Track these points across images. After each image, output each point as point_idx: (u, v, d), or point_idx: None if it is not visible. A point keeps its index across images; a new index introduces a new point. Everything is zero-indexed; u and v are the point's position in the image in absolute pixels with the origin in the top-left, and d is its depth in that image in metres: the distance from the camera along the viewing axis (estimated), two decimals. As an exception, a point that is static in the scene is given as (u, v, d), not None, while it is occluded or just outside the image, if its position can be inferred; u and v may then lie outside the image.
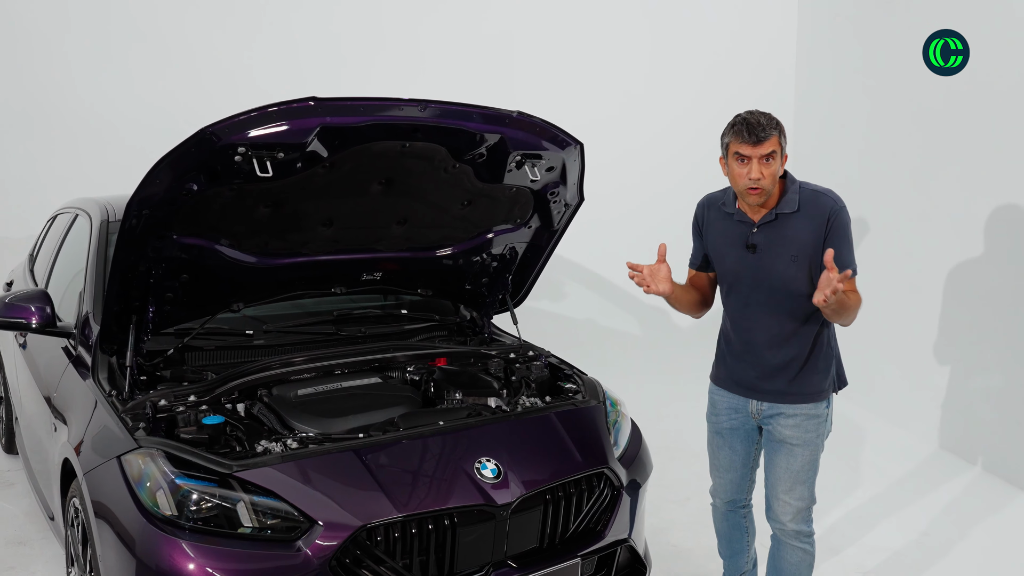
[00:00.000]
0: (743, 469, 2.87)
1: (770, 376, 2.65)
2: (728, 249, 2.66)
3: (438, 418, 2.59)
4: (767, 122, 2.46)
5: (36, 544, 3.56)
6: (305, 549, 2.10)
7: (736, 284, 2.66)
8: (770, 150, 2.45)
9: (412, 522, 2.21)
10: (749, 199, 2.54)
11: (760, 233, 2.58)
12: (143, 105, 6.14)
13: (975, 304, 4.73)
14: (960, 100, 4.82)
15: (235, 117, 2.24)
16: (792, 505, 2.69)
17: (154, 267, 2.57)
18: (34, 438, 3.41)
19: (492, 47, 6.67)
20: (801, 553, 2.74)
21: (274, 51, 6.36)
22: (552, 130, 2.77)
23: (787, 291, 2.55)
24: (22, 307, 2.99)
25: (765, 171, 2.46)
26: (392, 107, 2.44)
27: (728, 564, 3.08)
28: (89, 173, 5.99)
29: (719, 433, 2.86)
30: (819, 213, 2.50)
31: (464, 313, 3.58)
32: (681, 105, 6.98)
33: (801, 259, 2.51)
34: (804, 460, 2.66)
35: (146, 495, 2.17)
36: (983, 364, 4.68)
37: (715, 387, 2.86)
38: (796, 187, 2.56)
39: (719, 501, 2.98)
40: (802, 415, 2.64)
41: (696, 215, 2.82)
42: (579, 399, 2.89)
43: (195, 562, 2.07)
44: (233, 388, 2.61)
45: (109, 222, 3.37)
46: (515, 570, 2.36)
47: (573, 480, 2.53)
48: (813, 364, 2.63)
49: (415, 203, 2.89)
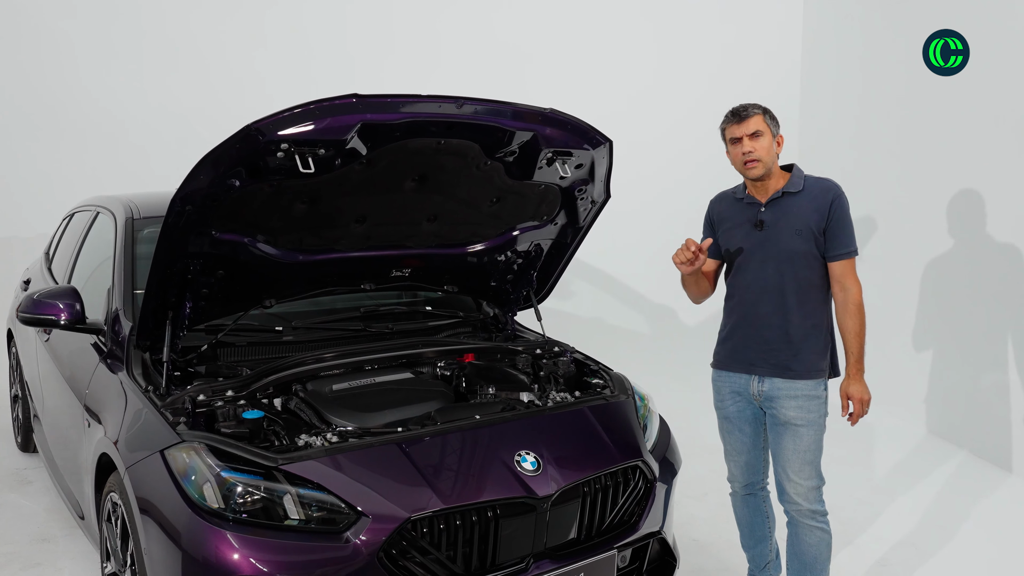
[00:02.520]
0: (755, 450, 2.97)
1: (772, 349, 2.79)
2: (737, 230, 2.88)
3: (474, 412, 2.62)
4: (750, 104, 2.80)
5: (60, 541, 3.57)
6: (354, 540, 2.12)
7: (745, 261, 2.86)
8: (755, 128, 2.75)
9: (456, 514, 2.24)
10: (749, 173, 2.80)
11: (768, 211, 2.82)
12: (150, 105, 6.17)
13: (961, 294, 4.90)
14: (961, 99, 4.92)
15: (279, 114, 2.26)
16: (803, 485, 2.79)
17: (192, 263, 2.58)
18: (60, 435, 3.42)
19: (499, 45, 6.71)
20: (820, 533, 2.81)
21: (283, 50, 6.38)
22: (583, 127, 2.80)
23: (792, 263, 2.76)
24: (51, 304, 3.00)
25: (755, 145, 2.75)
26: (430, 104, 2.46)
27: (752, 555, 3.12)
28: (96, 173, 6.01)
29: (727, 418, 2.98)
30: (822, 194, 2.77)
31: (487, 310, 3.61)
32: (685, 105, 7.03)
33: (805, 233, 2.75)
34: (810, 440, 2.77)
35: (193, 488, 2.19)
36: (969, 351, 4.83)
37: (716, 372, 3.01)
38: (802, 174, 2.85)
39: (737, 486, 3.06)
40: (803, 396, 2.76)
41: (708, 210, 3.05)
42: (608, 394, 2.92)
43: (243, 554, 2.08)
44: (270, 383, 2.62)
45: (134, 220, 3.39)
46: (555, 562, 2.39)
47: (609, 472, 2.56)
48: (814, 341, 2.78)
49: (446, 200, 2.91)
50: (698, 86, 7.05)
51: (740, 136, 2.77)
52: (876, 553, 3.61)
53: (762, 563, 3.11)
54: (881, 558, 3.57)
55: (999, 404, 4.61)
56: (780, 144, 2.81)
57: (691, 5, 7.09)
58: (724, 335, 2.98)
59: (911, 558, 3.58)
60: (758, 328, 2.82)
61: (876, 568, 3.48)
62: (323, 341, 3.09)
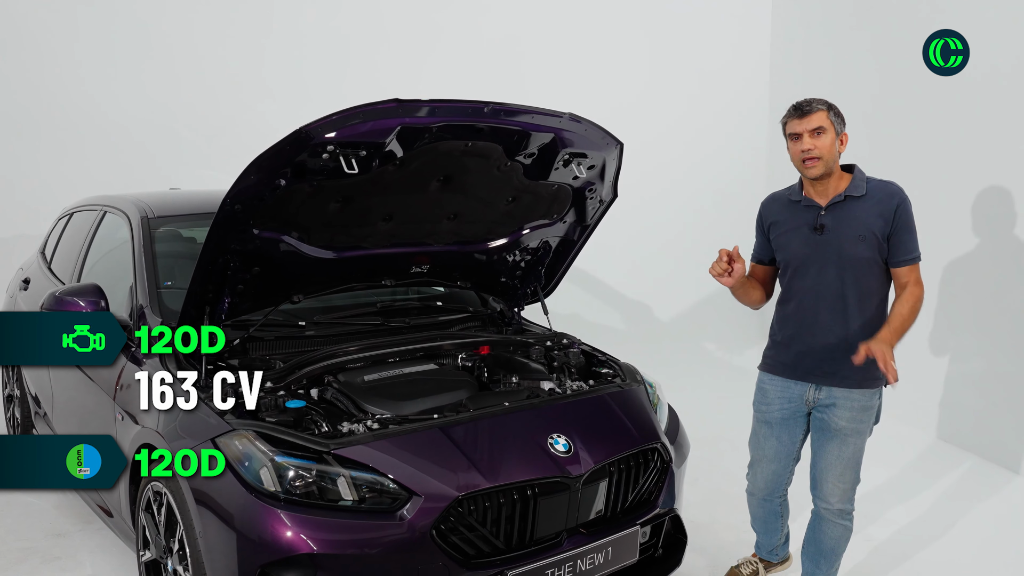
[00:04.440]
0: (786, 460, 3.01)
1: (832, 358, 2.76)
2: (794, 234, 2.82)
3: (504, 399, 2.77)
4: (814, 100, 2.72)
5: (75, 535, 3.62)
6: (408, 518, 2.27)
7: (803, 267, 2.79)
8: (817, 124, 2.68)
9: (500, 492, 2.40)
10: (808, 172, 2.72)
11: (828, 215, 2.75)
12: (141, 107, 6.19)
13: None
14: (928, 98, 5.18)
15: (328, 117, 2.38)
16: (840, 487, 2.87)
17: (233, 260, 2.69)
18: (79, 431, 3.47)
19: (487, 43, 6.87)
20: (842, 529, 2.93)
21: (280, 52, 6.46)
22: (599, 130, 2.97)
23: (854, 270, 2.71)
24: (74, 301, 3.06)
25: (816, 143, 2.68)
26: (463, 108, 2.61)
27: (762, 539, 3.28)
28: (69, 175, 6.03)
29: (767, 423, 2.99)
30: (887, 198, 2.70)
31: (493, 305, 3.76)
32: (676, 111, 7.26)
33: (868, 238, 2.69)
34: (855, 447, 2.82)
35: (250, 473, 2.30)
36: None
37: (767, 376, 2.99)
38: (864, 176, 2.78)
39: (758, 492, 3.12)
40: (858, 407, 2.78)
41: (760, 212, 3.01)
42: (621, 381, 3.10)
43: (304, 534, 2.21)
44: (308, 374, 2.74)
45: (150, 219, 3.47)
46: (586, 537, 2.56)
47: (632, 454, 2.74)
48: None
49: (467, 199, 3.06)
50: (683, 91, 7.28)
51: (801, 132, 2.69)
52: (887, 552, 3.73)
53: (770, 547, 3.27)
54: (891, 557, 3.69)
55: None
56: (844, 143, 2.74)
57: (660, 6, 7.35)
58: (780, 340, 2.93)
59: (919, 555, 3.71)
60: (817, 336, 2.78)
61: (887, 566, 3.62)
62: (344, 335, 3.21)
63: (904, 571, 3.57)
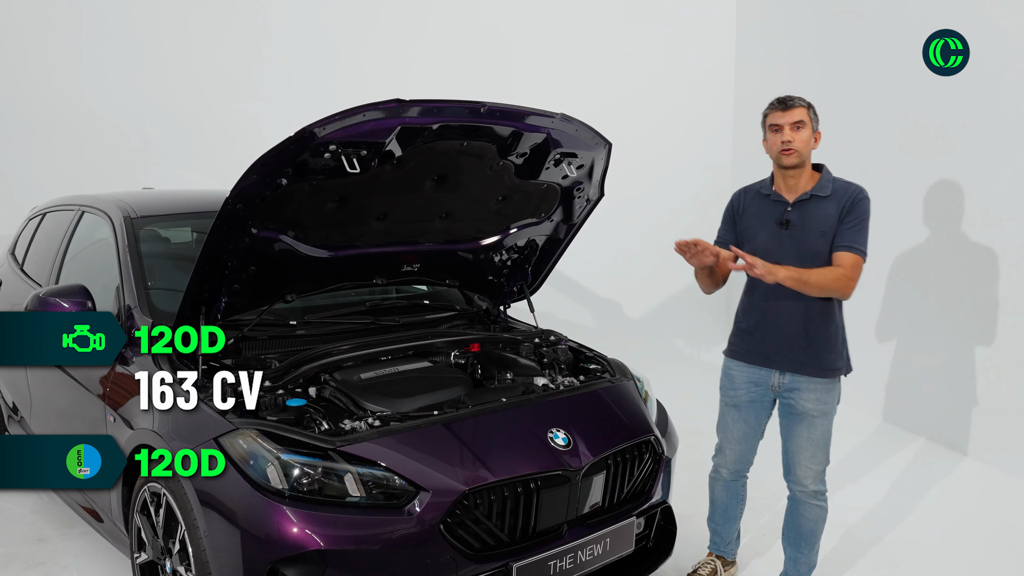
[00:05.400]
0: (752, 441, 3.17)
1: (792, 347, 2.93)
2: (761, 227, 2.98)
3: (501, 396, 2.81)
4: (795, 96, 2.91)
5: (56, 540, 3.57)
6: (416, 513, 2.30)
7: (768, 258, 2.89)
8: (798, 118, 2.86)
9: (506, 486, 2.44)
10: (784, 161, 2.88)
11: (795, 211, 2.92)
12: (108, 106, 6.10)
13: (914, 289, 5.26)
14: (892, 94, 5.38)
15: (331, 117, 2.40)
16: (813, 469, 3.00)
17: (230, 259, 2.69)
18: (62, 432, 3.42)
19: (460, 46, 6.89)
20: (818, 510, 3.06)
21: (248, 50, 6.40)
22: (589, 130, 3.02)
23: (815, 264, 2.85)
24: (58, 303, 3.03)
25: (795, 135, 2.85)
26: (461, 108, 2.64)
27: (719, 532, 3.37)
28: (40, 175, 5.92)
29: (735, 406, 3.14)
30: (846, 196, 2.88)
31: (479, 303, 3.79)
32: (638, 112, 7.36)
33: (829, 235, 2.85)
34: (823, 429, 2.97)
35: (257, 472, 2.31)
36: (922, 342, 5.22)
37: (733, 361, 3.14)
38: (831, 177, 2.95)
39: (725, 471, 3.25)
40: (822, 389, 2.93)
41: (732, 201, 3.14)
42: (614, 377, 3.16)
43: (313, 530, 2.23)
44: (306, 372, 2.74)
45: (133, 219, 3.44)
46: (586, 528, 2.62)
47: (628, 447, 2.80)
48: (832, 341, 2.93)
49: (460, 198, 3.09)
50: (644, 94, 7.39)
51: (782, 124, 2.86)
52: (859, 537, 3.87)
53: (728, 539, 3.37)
54: (863, 542, 3.83)
55: (954, 391, 4.96)
56: (817, 141, 2.92)
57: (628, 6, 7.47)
58: (744, 327, 3.08)
59: (889, 537, 3.87)
60: (779, 325, 2.93)
61: (860, 550, 3.76)
62: (335, 334, 3.21)
63: (877, 554, 3.72)
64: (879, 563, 3.65)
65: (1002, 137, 4.69)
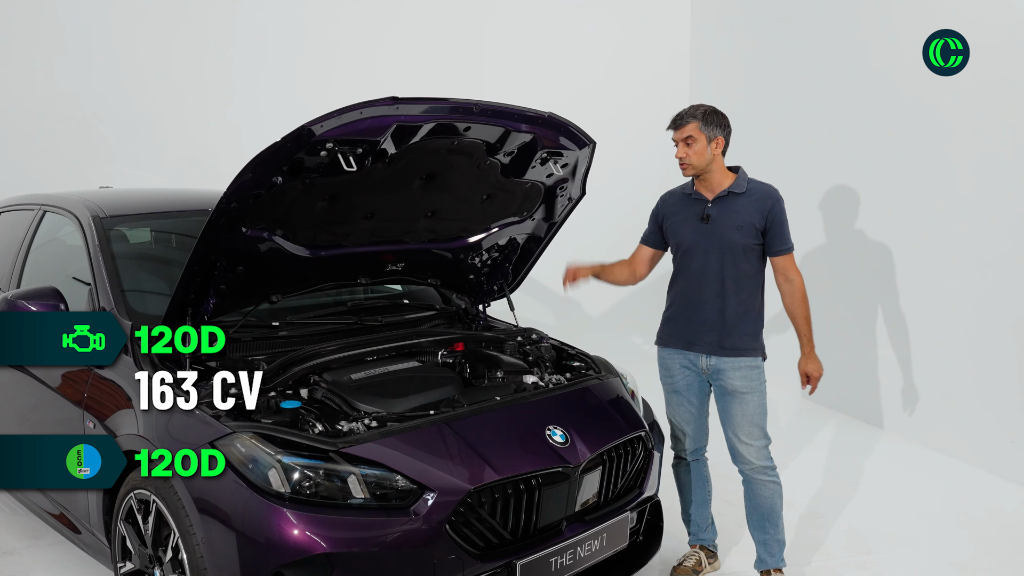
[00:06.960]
0: (701, 419, 3.31)
1: (709, 329, 3.13)
2: (685, 223, 3.20)
3: (493, 394, 2.81)
4: (686, 111, 3.12)
5: (24, 552, 3.44)
6: (422, 513, 2.28)
7: (691, 251, 3.17)
8: (688, 134, 3.08)
9: (509, 484, 2.44)
10: (682, 173, 3.18)
11: (714, 207, 3.14)
12: (56, 104, 5.90)
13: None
14: (851, 92, 5.58)
15: (330, 115, 2.37)
16: (753, 446, 3.13)
17: (219, 259, 2.63)
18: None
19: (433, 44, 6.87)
20: (772, 485, 3.17)
21: (199, 47, 6.26)
22: (575, 130, 3.05)
23: (732, 254, 3.09)
24: (26, 305, 2.92)
25: (687, 151, 3.09)
26: (454, 107, 2.64)
27: (694, 519, 3.43)
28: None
29: (676, 392, 3.28)
30: (765, 198, 3.11)
31: (457, 302, 3.78)
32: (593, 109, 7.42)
33: (746, 229, 3.08)
34: (755, 404, 3.12)
35: (258, 476, 2.26)
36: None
37: (663, 349, 3.30)
38: (746, 176, 3.18)
39: (685, 454, 3.36)
40: (746, 366, 3.11)
41: (657, 206, 3.38)
42: (596, 373, 3.19)
43: (318, 533, 2.20)
44: (299, 373, 2.70)
45: (103, 219, 3.33)
46: (584, 523, 2.64)
47: (621, 443, 2.83)
48: (747, 323, 3.12)
49: (446, 197, 3.08)
50: (597, 92, 7.46)
51: (676, 140, 3.12)
52: (821, 523, 3.99)
53: (704, 525, 3.44)
54: (823, 524, 3.97)
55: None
56: (719, 145, 3.10)
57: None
58: (669, 316, 3.29)
59: (844, 517, 4.05)
60: (698, 310, 3.14)
61: (821, 532, 3.89)
62: (318, 335, 3.17)
63: (841, 535, 3.89)
64: (841, 544, 3.82)
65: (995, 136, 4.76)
